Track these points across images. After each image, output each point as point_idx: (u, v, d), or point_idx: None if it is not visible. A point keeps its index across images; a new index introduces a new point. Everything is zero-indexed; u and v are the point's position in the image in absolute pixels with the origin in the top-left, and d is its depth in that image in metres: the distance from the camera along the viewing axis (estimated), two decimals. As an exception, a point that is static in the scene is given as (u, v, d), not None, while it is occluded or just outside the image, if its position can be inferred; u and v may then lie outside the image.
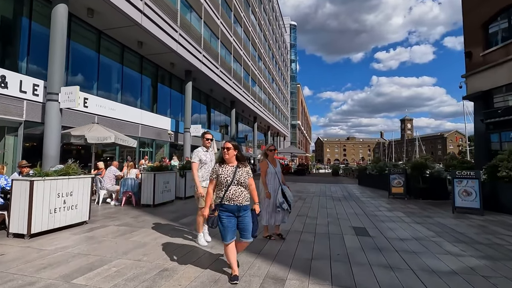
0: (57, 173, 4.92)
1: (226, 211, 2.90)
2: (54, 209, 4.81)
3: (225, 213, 2.90)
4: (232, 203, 2.88)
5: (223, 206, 2.89)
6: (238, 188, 2.92)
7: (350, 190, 13.52)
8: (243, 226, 2.96)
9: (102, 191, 8.14)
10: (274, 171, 4.61)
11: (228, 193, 2.89)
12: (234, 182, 2.91)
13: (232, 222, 2.91)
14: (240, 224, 2.96)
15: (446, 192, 9.84)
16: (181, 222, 5.91)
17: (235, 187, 2.91)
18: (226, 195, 2.89)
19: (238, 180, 2.92)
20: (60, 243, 4.27)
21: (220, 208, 2.90)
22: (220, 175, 2.94)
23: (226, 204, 2.89)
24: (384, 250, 4.11)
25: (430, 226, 5.75)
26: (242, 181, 2.94)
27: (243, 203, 2.93)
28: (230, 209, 2.90)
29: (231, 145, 3.00)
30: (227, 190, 2.90)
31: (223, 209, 2.89)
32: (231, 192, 2.89)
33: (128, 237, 4.66)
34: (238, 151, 3.05)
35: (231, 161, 3.01)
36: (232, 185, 2.90)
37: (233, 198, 2.88)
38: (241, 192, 2.94)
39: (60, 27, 8.83)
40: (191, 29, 16.19)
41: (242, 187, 2.95)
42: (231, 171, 2.95)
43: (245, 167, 3.06)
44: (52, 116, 8.73)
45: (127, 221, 5.93)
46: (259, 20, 34.12)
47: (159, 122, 16.51)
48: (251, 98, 29.33)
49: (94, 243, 4.30)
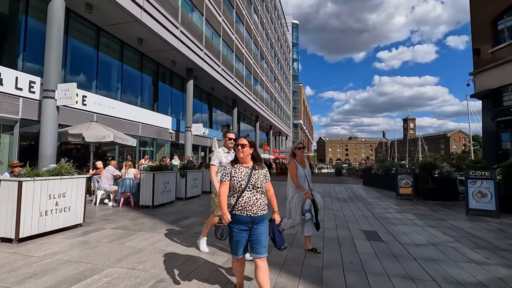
0: (49, 173, 4.62)
1: (238, 222, 2.37)
2: (45, 211, 4.51)
3: (236, 225, 2.38)
4: (245, 213, 2.36)
5: (234, 217, 2.38)
6: (253, 195, 2.40)
7: (355, 190, 13.17)
8: (254, 238, 2.39)
9: (99, 191, 7.85)
10: (304, 174, 3.97)
11: (241, 201, 2.38)
12: (248, 187, 2.39)
13: (245, 236, 2.41)
14: (252, 235, 2.40)
15: (456, 193, 9.48)
16: (181, 224, 5.60)
17: (249, 193, 2.39)
18: (238, 202, 2.38)
19: (253, 184, 2.40)
20: (50, 248, 3.96)
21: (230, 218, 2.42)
22: (233, 178, 2.43)
23: (237, 214, 2.38)
24: (401, 258, 3.77)
25: (446, 230, 5.40)
26: (258, 186, 2.42)
27: (259, 213, 2.39)
28: (242, 220, 2.36)
29: (246, 141, 2.48)
30: (240, 196, 2.38)
31: (234, 221, 2.38)
32: (244, 200, 2.37)
33: (124, 241, 4.35)
34: (254, 149, 2.54)
35: (245, 161, 2.50)
36: (246, 191, 2.39)
37: (246, 207, 2.36)
38: (257, 200, 2.40)
39: (57, 22, 8.54)
40: (192, 26, 15.87)
41: (258, 193, 2.42)
42: (245, 173, 2.44)
43: (262, 168, 2.53)
44: (49, 113, 8.44)
45: (124, 223, 5.62)
46: (261, 18, 33.77)
47: (160, 121, 16.22)
48: (253, 97, 28.99)
49: (86, 248, 3.99)
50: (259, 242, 2.38)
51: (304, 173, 3.98)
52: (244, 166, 2.50)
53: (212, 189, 3.88)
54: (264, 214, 2.45)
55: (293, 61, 67.42)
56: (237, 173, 2.44)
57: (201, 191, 10.39)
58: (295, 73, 68.58)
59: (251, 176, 2.43)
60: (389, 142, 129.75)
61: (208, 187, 11.23)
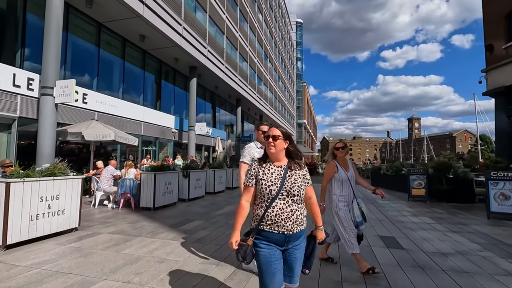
0: (40, 173, 4.28)
1: (267, 241, 1.75)
2: (36, 215, 4.16)
3: (264, 245, 1.74)
4: (275, 229, 1.72)
5: (261, 234, 1.75)
6: (287, 205, 1.74)
7: (364, 191, 12.70)
8: (289, 262, 1.81)
9: (98, 192, 7.51)
10: (346, 177, 3.33)
11: (271, 213, 1.73)
12: (281, 194, 1.75)
13: (277, 259, 1.75)
14: (287, 259, 1.80)
15: (473, 195, 9.01)
16: (183, 229, 5.23)
17: (282, 203, 1.74)
18: (267, 215, 1.74)
19: (288, 190, 1.75)
20: (39, 256, 3.61)
21: (256, 235, 1.77)
22: (261, 181, 1.80)
23: (266, 230, 1.74)
24: (428, 269, 3.36)
25: (470, 236, 4.97)
26: (294, 193, 1.76)
27: (295, 230, 1.74)
28: (272, 239, 1.74)
29: (279, 132, 1.84)
30: (269, 206, 1.74)
31: (262, 239, 1.76)
32: (275, 211, 1.73)
33: (121, 248, 3.99)
34: (290, 142, 1.89)
35: (278, 158, 1.86)
36: (278, 199, 1.75)
37: (277, 221, 1.72)
38: (292, 212, 1.74)
39: (56, 16, 8.22)
40: (195, 23, 15.52)
41: (294, 202, 1.76)
42: (277, 174, 1.80)
43: (300, 168, 1.87)
44: (47, 111, 8.11)
45: (122, 227, 5.27)
46: (265, 17, 33.35)
47: (162, 120, 15.90)
48: (257, 96, 28.59)
49: (79, 256, 3.64)
50: (292, 269, 1.81)
51: (346, 176, 3.32)
52: (276, 165, 1.85)
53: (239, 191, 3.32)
54: (302, 230, 1.80)
55: (297, 60, 66.89)
56: (266, 175, 1.80)
57: (204, 192, 10.03)
58: (299, 72, 68.04)
59: (285, 179, 1.79)
60: (394, 142, 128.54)
61: (211, 188, 10.87)
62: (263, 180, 1.79)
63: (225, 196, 10.25)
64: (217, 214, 6.76)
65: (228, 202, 8.82)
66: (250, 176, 1.85)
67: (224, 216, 6.53)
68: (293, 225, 1.75)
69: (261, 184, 1.79)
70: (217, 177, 11.18)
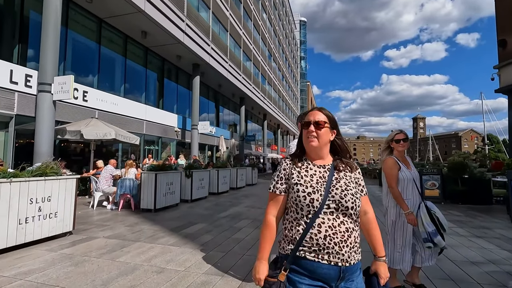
0: (30, 173, 3.94)
1: (310, 276, 1.17)
2: (25, 218, 3.83)
3: (307, 283, 1.16)
4: (326, 258, 1.15)
5: (301, 264, 1.18)
6: (338, 221, 1.18)
7: (373, 192, 12.27)
8: None
9: (97, 193, 7.19)
10: (410, 177, 2.64)
11: (317, 233, 1.16)
12: (327, 206, 1.19)
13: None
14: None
15: (490, 196, 8.54)
16: (185, 233, 4.87)
17: (332, 218, 1.18)
18: (310, 237, 1.17)
19: (338, 200, 1.20)
20: (25, 265, 3.27)
21: (293, 267, 1.19)
22: (296, 187, 1.24)
23: (309, 259, 1.16)
24: (462, 282, 2.95)
25: (497, 241, 4.54)
26: (348, 204, 1.20)
27: (353, 260, 1.18)
28: (320, 273, 1.16)
29: (324, 117, 1.31)
30: (312, 223, 1.18)
31: (302, 272, 1.17)
32: (323, 231, 1.16)
33: (116, 255, 3.63)
34: (338, 132, 1.34)
35: (320, 154, 1.31)
36: (324, 213, 1.19)
37: (328, 246, 1.15)
38: (349, 232, 1.18)
39: (54, 8, 7.91)
40: (198, 20, 15.18)
41: (349, 218, 1.21)
42: (319, 177, 1.26)
43: (351, 170, 1.32)
44: (44, 108, 7.80)
45: (120, 231, 4.92)
46: (269, 14, 32.96)
47: (165, 119, 15.59)
48: (261, 95, 28.21)
49: (70, 265, 3.29)
50: None
51: (410, 176, 2.64)
52: (316, 164, 1.30)
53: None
54: (359, 261, 1.23)
55: (301, 59, 66.39)
56: (304, 178, 1.24)
57: (208, 193, 9.68)
58: (302, 72, 67.55)
59: (332, 183, 1.23)
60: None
61: (215, 188, 10.51)
62: (300, 185, 1.22)
63: (229, 197, 9.89)
64: (221, 216, 6.39)
65: (232, 203, 8.46)
66: (279, 180, 1.29)
67: (228, 218, 6.16)
68: (350, 253, 1.16)
69: (296, 191, 1.22)
70: (221, 177, 10.82)
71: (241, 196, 10.12)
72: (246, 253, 3.79)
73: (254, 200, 9.23)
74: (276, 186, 1.30)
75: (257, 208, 7.60)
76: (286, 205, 1.30)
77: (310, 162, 1.31)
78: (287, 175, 1.29)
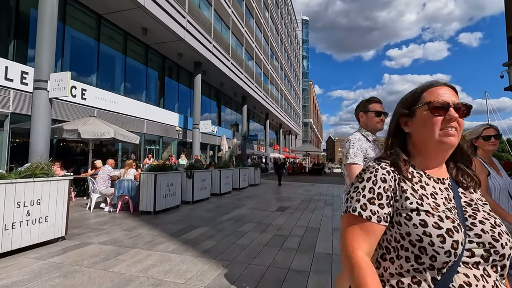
0: (17, 174, 3.63)
1: None
2: (12, 223, 3.52)
3: None
4: None
5: None
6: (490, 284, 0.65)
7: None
8: None
9: (94, 194, 6.88)
10: (503, 184, 2.00)
11: None
12: (469, 252, 0.66)
13: None
14: None
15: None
16: (186, 238, 4.55)
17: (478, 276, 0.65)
18: None
19: (487, 242, 0.67)
20: (9, 276, 2.96)
21: None
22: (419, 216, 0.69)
23: None
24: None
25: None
26: (503, 250, 0.66)
27: None
28: None
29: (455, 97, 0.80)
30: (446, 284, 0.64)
31: None
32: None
33: (110, 265, 3.31)
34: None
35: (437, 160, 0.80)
36: (465, 264, 0.66)
37: None
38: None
39: (50, 4, 7.62)
40: (200, 16, 14.86)
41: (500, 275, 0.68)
42: (444, 198, 0.75)
43: (476, 185, 0.80)
44: (40, 106, 7.51)
45: (116, 236, 4.60)
46: (271, 13, 32.60)
47: (166, 118, 15.28)
48: (264, 94, 27.86)
49: (58, 276, 2.97)
50: None
51: (504, 184, 2.00)
52: (433, 175, 0.79)
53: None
54: None
55: (303, 58, 65.96)
56: (425, 199, 0.73)
57: (210, 194, 9.35)
58: (304, 71, 67.11)
59: (465, 211, 0.74)
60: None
61: (217, 189, 10.18)
62: (426, 214, 0.69)
63: (231, 198, 9.56)
64: (224, 219, 6.07)
65: (235, 205, 8.13)
66: (375, 197, 0.74)
67: (232, 221, 5.84)
68: None
69: (420, 224, 0.68)
70: (223, 177, 10.49)
71: (244, 197, 9.79)
72: (252, 262, 3.46)
73: (258, 201, 8.90)
74: (372, 210, 0.72)
75: (261, 210, 7.27)
76: (380, 243, 0.77)
77: (422, 170, 0.80)
78: (393, 192, 0.75)
